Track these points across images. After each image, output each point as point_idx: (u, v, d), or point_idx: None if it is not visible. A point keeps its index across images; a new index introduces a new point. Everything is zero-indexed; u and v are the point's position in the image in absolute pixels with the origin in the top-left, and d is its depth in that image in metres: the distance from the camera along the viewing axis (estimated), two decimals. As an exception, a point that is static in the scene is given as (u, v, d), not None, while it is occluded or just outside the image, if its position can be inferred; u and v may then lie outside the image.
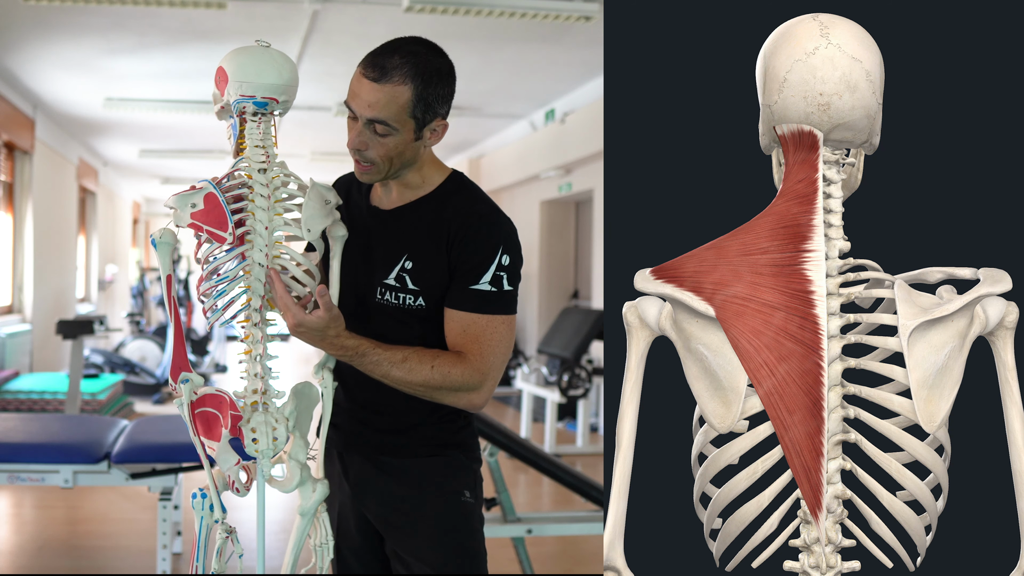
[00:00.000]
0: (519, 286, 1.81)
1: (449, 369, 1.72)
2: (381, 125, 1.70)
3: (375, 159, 1.73)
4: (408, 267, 1.77)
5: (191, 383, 1.69)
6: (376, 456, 1.85)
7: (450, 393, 1.74)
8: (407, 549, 1.83)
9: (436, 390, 1.73)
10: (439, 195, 1.81)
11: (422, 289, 1.77)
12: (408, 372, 1.72)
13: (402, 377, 1.72)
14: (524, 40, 6.32)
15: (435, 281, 1.76)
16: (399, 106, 1.69)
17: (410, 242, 1.78)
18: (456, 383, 1.73)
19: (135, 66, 7.06)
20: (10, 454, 3.59)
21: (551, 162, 8.77)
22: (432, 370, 1.72)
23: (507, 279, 1.76)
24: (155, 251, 1.72)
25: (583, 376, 6.82)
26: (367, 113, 1.70)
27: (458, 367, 1.73)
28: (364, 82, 1.70)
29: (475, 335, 1.74)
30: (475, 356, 1.74)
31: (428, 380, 1.72)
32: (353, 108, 1.71)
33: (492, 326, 1.75)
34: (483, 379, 1.74)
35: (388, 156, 1.73)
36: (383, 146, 1.72)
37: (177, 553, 4.09)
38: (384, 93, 1.69)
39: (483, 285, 1.74)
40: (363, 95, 1.70)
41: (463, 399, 1.76)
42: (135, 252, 16.52)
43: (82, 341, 6.28)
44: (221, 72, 1.71)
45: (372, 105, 1.69)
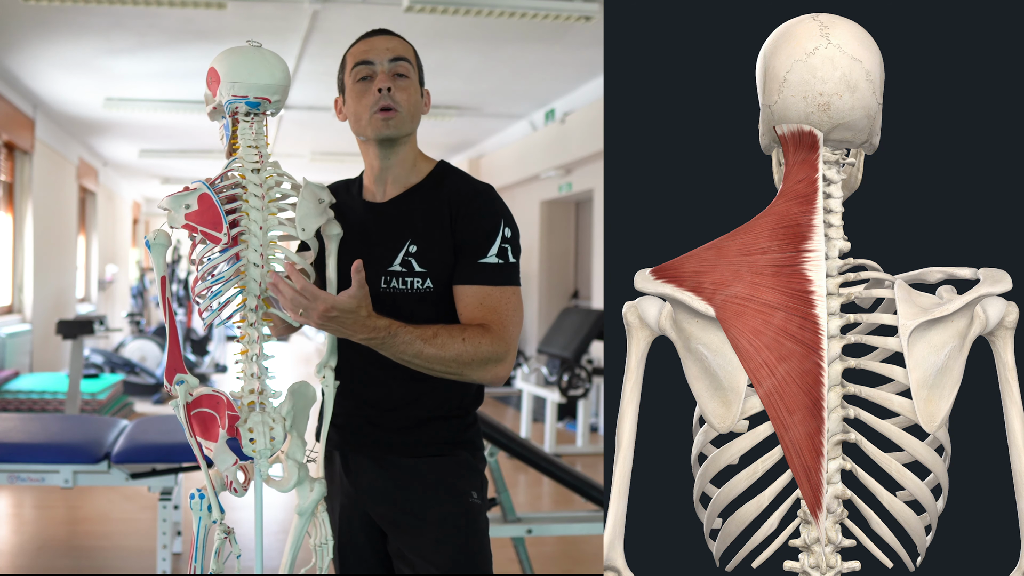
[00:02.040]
0: (520, 261, 1.83)
1: (479, 340, 1.72)
2: (403, 63, 1.81)
3: (401, 102, 1.80)
4: (413, 251, 1.79)
5: (186, 384, 1.69)
6: (383, 456, 1.85)
7: (480, 367, 1.72)
8: (413, 549, 1.83)
9: (467, 365, 1.71)
10: (431, 181, 1.85)
11: (429, 271, 1.78)
12: (441, 347, 1.70)
13: (435, 354, 1.69)
14: (524, 40, 6.31)
15: (441, 260, 1.78)
16: (411, 51, 1.85)
17: (411, 227, 1.80)
18: (486, 354, 1.72)
19: (135, 66, 7.06)
20: (10, 454, 3.59)
21: (551, 162, 8.77)
22: (464, 343, 1.70)
23: (511, 251, 1.79)
24: (149, 253, 1.71)
25: (583, 376, 6.82)
26: (388, 55, 1.81)
27: (486, 337, 1.72)
28: (375, 38, 1.84)
29: (492, 306, 1.75)
30: (497, 326, 1.74)
31: (461, 353, 1.70)
32: (371, 57, 1.81)
33: (506, 297, 1.76)
34: (508, 349, 1.74)
35: (411, 102, 1.81)
36: (406, 90, 1.81)
37: (177, 553, 4.09)
38: (397, 40, 1.85)
39: (491, 258, 1.76)
40: (379, 44, 1.82)
41: (490, 371, 1.74)
42: (135, 252, 16.52)
43: (82, 341, 6.28)
44: (213, 73, 1.71)
45: (391, 48, 1.82)
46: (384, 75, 1.80)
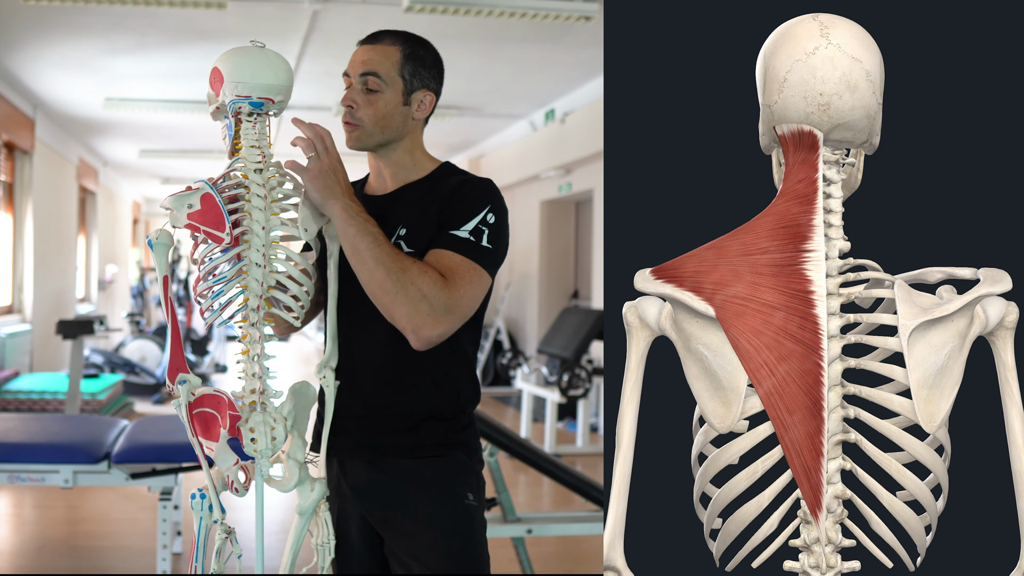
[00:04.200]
0: (499, 256, 1.80)
1: (428, 273, 1.69)
2: (372, 78, 1.82)
3: (363, 119, 1.83)
4: (403, 233, 1.81)
5: (188, 384, 1.69)
6: (378, 457, 1.84)
7: (415, 301, 1.67)
8: (407, 551, 1.82)
9: (405, 288, 1.67)
10: (433, 178, 1.87)
11: (416, 251, 1.78)
12: (393, 256, 1.68)
13: (388, 253, 1.68)
14: (524, 40, 6.31)
15: (429, 240, 1.78)
16: (390, 62, 1.83)
17: (405, 214, 1.83)
18: (425, 290, 1.67)
19: (135, 66, 7.06)
20: (10, 454, 3.60)
21: (551, 162, 8.77)
22: (414, 264, 1.69)
23: (488, 235, 1.76)
24: (151, 252, 1.72)
25: (583, 376, 6.82)
26: (359, 69, 1.83)
27: (435, 277, 1.69)
28: (360, 48, 1.86)
29: (449, 267, 1.73)
30: (450, 281, 1.71)
31: (406, 269, 1.67)
32: (348, 70, 1.84)
33: (465, 266, 1.74)
34: (447, 305, 1.70)
35: (377, 117, 1.83)
36: (372, 105, 1.82)
37: (177, 553, 4.10)
38: (376, 51, 1.84)
39: (462, 232, 1.76)
40: (358, 55, 1.85)
41: (418, 317, 1.68)
42: (135, 252, 16.52)
43: (82, 341, 6.28)
44: (216, 73, 1.71)
45: (365, 62, 1.83)
46: (350, 91, 1.84)
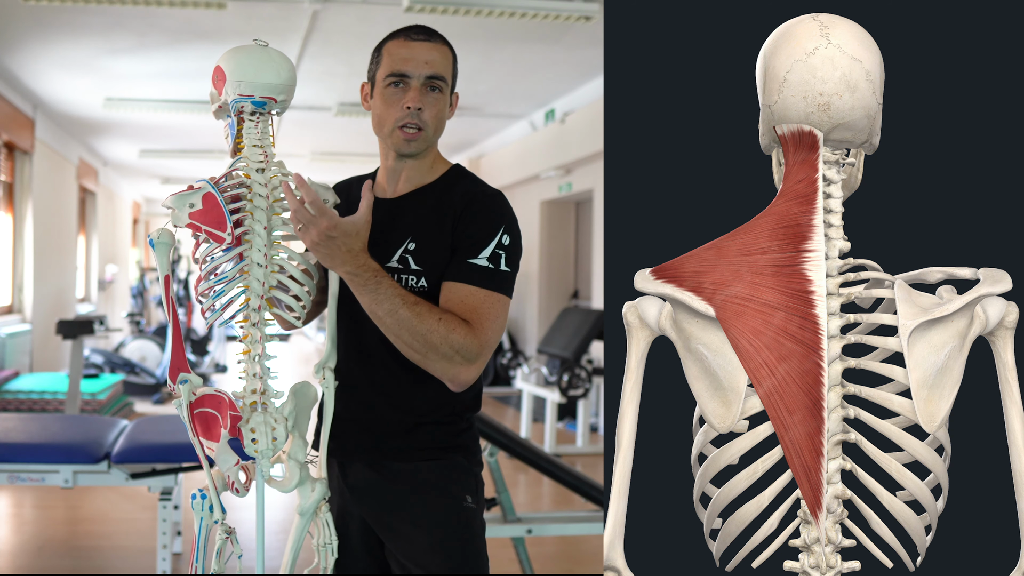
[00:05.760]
0: (516, 273, 1.79)
1: (455, 327, 1.67)
2: (439, 81, 1.76)
3: (428, 121, 1.77)
4: (411, 248, 1.77)
5: (190, 384, 1.69)
6: (378, 460, 1.84)
7: (446, 356, 1.67)
8: (406, 553, 1.82)
9: (434, 347, 1.66)
10: (444, 182, 1.83)
11: (424, 269, 1.76)
12: (417, 316, 1.65)
13: (409, 319, 1.65)
14: (524, 40, 6.32)
15: (437, 260, 1.75)
16: (449, 63, 1.79)
17: (414, 225, 1.79)
18: (456, 345, 1.66)
19: (135, 66, 7.06)
20: (10, 454, 3.60)
21: (551, 162, 8.77)
22: (440, 323, 1.66)
23: (505, 259, 1.74)
24: (153, 252, 1.71)
25: (583, 376, 6.82)
26: (426, 70, 1.75)
27: (462, 329, 1.68)
28: (415, 44, 1.76)
29: (473, 306, 1.71)
30: (476, 326, 1.70)
31: (432, 330, 1.65)
32: (407, 70, 1.74)
33: (489, 302, 1.72)
34: (479, 351, 1.69)
35: (437, 118, 1.78)
36: (435, 107, 1.77)
37: (177, 553, 4.10)
38: (437, 51, 1.77)
39: (480, 260, 1.72)
40: (419, 54, 1.75)
41: (455, 367, 1.68)
42: (135, 252, 16.51)
43: (82, 341, 6.28)
44: (219, 71, 1.71)
45: (430, 62, 1.75)
46: (416, 92, 1.75)
